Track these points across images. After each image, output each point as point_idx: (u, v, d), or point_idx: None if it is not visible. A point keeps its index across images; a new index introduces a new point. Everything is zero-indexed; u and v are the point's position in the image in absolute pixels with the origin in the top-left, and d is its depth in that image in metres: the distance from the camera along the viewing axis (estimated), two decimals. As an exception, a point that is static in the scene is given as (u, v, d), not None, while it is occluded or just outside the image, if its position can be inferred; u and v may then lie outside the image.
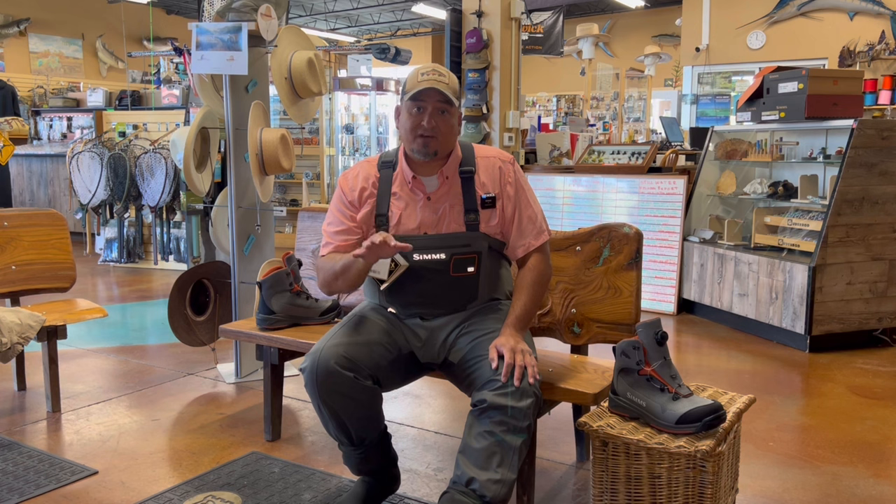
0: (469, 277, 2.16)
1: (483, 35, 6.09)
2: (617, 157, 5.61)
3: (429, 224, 2.15)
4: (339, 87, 8.76)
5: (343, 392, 2.01)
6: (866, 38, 9.44)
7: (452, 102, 2.09)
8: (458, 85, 2.17)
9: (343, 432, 2.09)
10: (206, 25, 3.29)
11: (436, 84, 2.06)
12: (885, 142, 4.09)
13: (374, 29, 17.42)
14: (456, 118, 2.15)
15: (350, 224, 2.20)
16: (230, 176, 3.47)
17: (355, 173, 2.25)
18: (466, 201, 2.15)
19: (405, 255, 2.11)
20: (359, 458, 2.16)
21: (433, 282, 2.14)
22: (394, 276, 2.13)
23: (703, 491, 1.82)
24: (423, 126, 2.08)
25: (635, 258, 2.40)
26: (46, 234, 3.34)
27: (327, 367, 1.99)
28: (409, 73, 2.13)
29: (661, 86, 13.58)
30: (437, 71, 2.10)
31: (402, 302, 2.19)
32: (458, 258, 2.13)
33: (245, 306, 3.53)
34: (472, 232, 2.15)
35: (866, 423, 3.06)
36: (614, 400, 1.99)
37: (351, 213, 2.21)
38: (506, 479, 1.89)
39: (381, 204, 2.19)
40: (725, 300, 4.65)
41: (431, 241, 2.14)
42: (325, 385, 2.00)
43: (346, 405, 2.03)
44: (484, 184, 2.17)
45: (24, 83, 11.24)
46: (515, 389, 1.90)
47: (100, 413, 3.12)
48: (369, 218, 2.20)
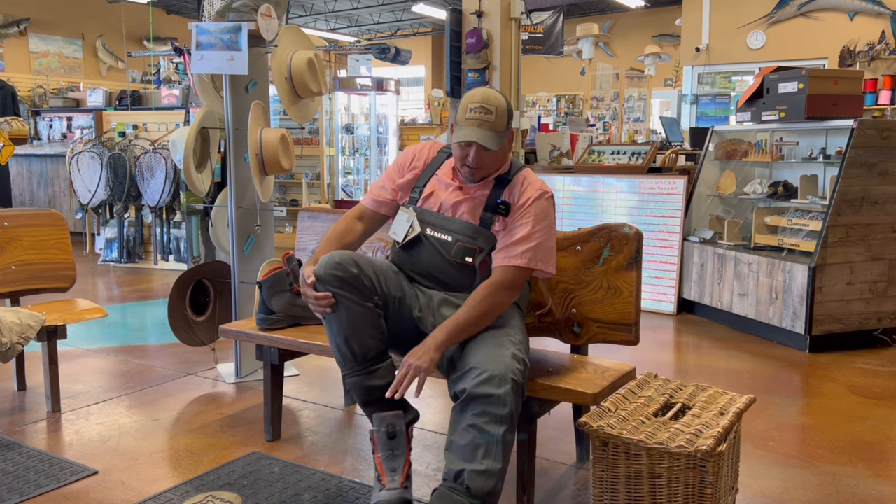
0: (466, 266, 2.25)
1: (483, 35, 6.09)
2: (617, 157, 5.61)
3: (449, 207, 2.29)
4: (339, 87, 8.76)
5: (350, 283, 2.12)
6: (866, 38, 9.44)
7: (497, 147, 2.18)
8: (509, 109, 2.22)
9: (347, 346, 2.15)
10: (206, 25, 3.29)
11: (479, 129, 2.15)
12: (885, 142, 4.09)
13: (374, 29, 17.42)
14: (506, 149, 2.27)
15: (389, 184, 2.43)
16: (230, 176, 3.47)
17: (420, 147, 2.45)
18: (490, 202, 2.25)
19: (426, 224, 2.30)
20: (366, 374, 2.18)
21: (434, 259, 2.28)
22: (408, 238, 2.32)
23: (703, 491, 1.82)
24: (469, 161, 2.20)
25: (635, 258, 2.40)
26: (46, 234, 3.34)
27: (335, 260, 2.14)
28: (463, 99, 2.23)
29: (661, 86, 13.58)
30: (485, 108, 2.16)
31: (408, 267, 2.34)
32: (460, 245, 2.24)
33: (245, 306, 3.53)
34: (483, 228, 2.24)
35: (866, 423, 3.06)
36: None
37: (396, 177, 2.42)
38: (491, 469, 1.91)
39: (422, 178, 2.38)
40: (725, 300, 4.65)
41: (445, 221, 2.28)
42: (335, 278, 2.11)
43: (351, 304, 2.12)
44: (512, 194, 2.26)
45: (24, 83, 11.24)
46: (492, 377, 1.93)
47: (100, 413, 3.12)
48: (409, 185, 2.40)
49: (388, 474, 2.11)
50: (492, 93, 2.21)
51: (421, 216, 2.31)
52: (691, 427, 1.87)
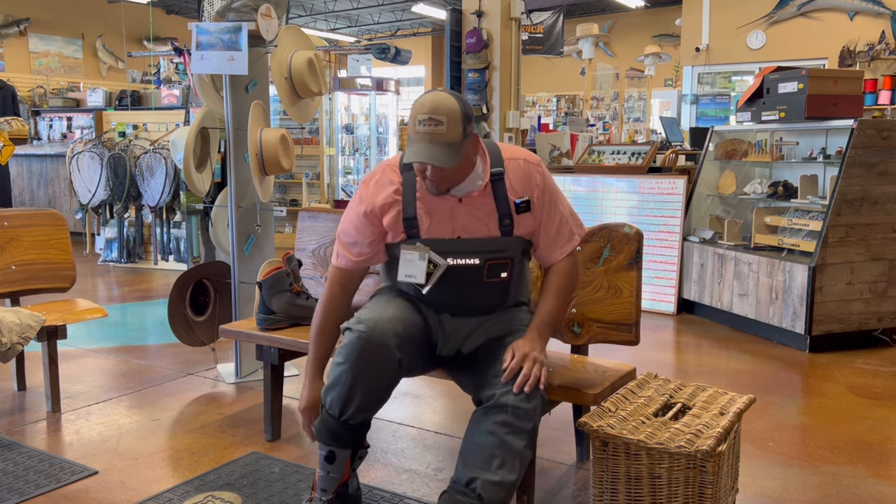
0: (501, 282, 2.10)
1: (483, 35, 6.09)
2: (617, 157, 5.61)
3: (463, 228, 2.05)
4: (339, 87, 8.77)
5: (380, 366, 1.96)
6: (866, 38, 9.44)
7: (453, 164, 1.91)
8: (464, 113, 1.93)
9: (347, 400, 1.98)
10: (206, 25, 3.29)
11: (430, 146, 1.89)
12: (885, 142, 4.09)
13: (374, 29, 17.43)
14: (467, 157, 1.97)
15: (361, 239, 2.10)
16: (230, 176, 3.47)
17: (376, 180, 2.11)
18: (500, 206, 2.05)
19: (443, 255, 2.04)
20: (337, 428, 2.03)
21: (465, 286, 2.08)
22: (433, 279, 2.05)
23: (703, 491, 1.82)
24: (428, 177, 1.97)
25: (635, 258, 2.40)
26: (46, 234, 3.34)
27: (383, 340, 1.94)
28: (412, 108, 1.93)
29: (661, 86, 13.58)
30: (434, 118, 1.88)
31: (435, 303, 2.13)
32: (491, 263, 2.06)
33: (245, 306, 3.53)
34: (507, 237, 2.07)
35: (866, 423, 3.06)
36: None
37: (367, 227, 2.10)
38: (505, 481, 1.87)
39: (407, 208, 2.06)
40: (725, 300, 4.65)
41: (466, 245, 2.05)
42: (370, 355, 1.94)
43: (373, 380, 1.97)
44: (514, 187, 2.07)
45: (24, 83, 11.24)
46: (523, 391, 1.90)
47: (100, 413, 3.12)
48: (396, 223, 2.07)
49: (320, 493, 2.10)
50: (442, 97, 1.90)
51: (436, 248, 2.04)
52: (691, 427, 1.87)
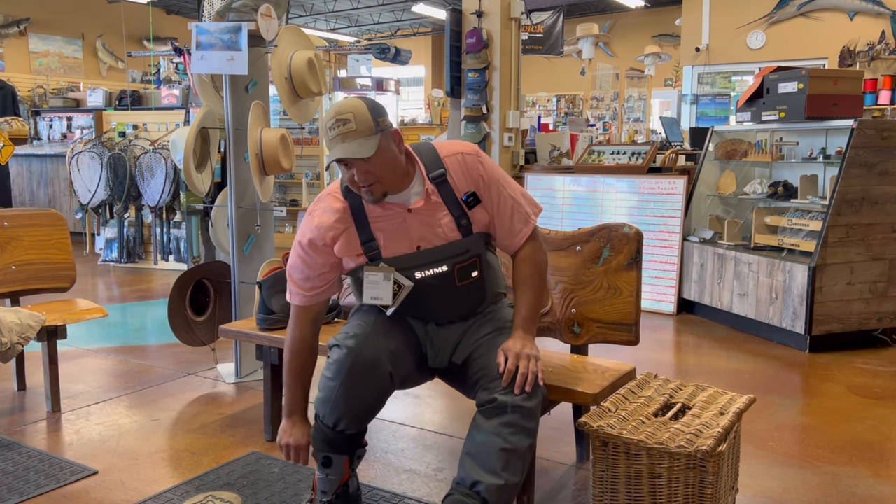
0: (475, 282, 2.10)
1: (483, 35, 6.09)
2: (617, 157, 5.61)
3: (421, 238, 2.05)
4: (339, 87, 8.76)
5: (371, 381, 1.96)
6: (866, 38, 9.44)
7: (371, 152, 1.90)
8: (372, 108, 1.93)
9: (340, 415, 1.97)
10: (206, 25, 3.29)
11: (343, 143, 1.89)
12: (885, 142, 4.09)
13: (374, 29, 17.42)
14: (388, 150, 1.96)
15: (312, 273, 2.09)
16: (230, 176, 3.47)
17: (321, 209, 2.09)
18: (452, 208, 2.05)
19: (407, 275, 2.03)
20: (332, 437, 2.03)
21: (440, 295, 2.07)
22: (399, 300, 2.03)
23: (703, 491, 1.82)
24: (358, 181, 1.95)
25: (635, 258, 2.40)
26: (46, 234, 3.34)
27: (373, 355, 1.96)
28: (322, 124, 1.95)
29: (661, 86, 13.58)
30: (340, 119, 1.90)
31: (416, 315, 2.13)
32: (460, 267, 2.06)
33: (245, 306, 3.53)
34: (468, 237, 2.07)
35: (866, 423, 3.06)
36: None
37: (315, 259, 2.08)
38: (510, 482, 1.88)
39: (362, 231, 2.05)
40: (725, 300, 4.65)
41: (430, 255, 2.04)
42: (360, 372, 1.94)
43: (365, 395, 1.97)
44: (458, 184, 2.06)
45: (24, 83, 11.24)
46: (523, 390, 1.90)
47: (100, 413, 3.12)
48: (351, 247, 2.06)
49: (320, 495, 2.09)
50: (344, 101, 1.95)
51: (400, 266, 2.03)
52: (691, 427, 1.87)
